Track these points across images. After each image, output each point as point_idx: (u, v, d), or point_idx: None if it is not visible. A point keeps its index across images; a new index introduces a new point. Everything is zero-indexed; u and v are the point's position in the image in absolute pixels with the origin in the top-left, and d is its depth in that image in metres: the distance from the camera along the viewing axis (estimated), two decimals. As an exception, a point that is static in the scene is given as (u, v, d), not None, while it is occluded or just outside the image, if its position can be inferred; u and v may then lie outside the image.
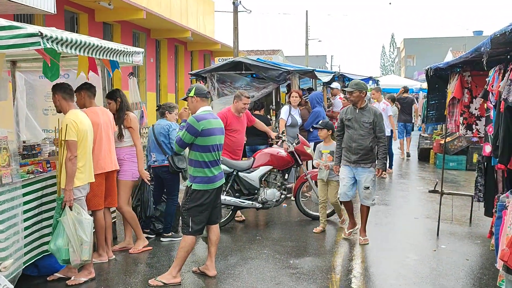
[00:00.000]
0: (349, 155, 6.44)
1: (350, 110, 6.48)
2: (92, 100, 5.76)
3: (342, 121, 6.54)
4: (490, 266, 5.63)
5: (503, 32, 3.41)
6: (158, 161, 6.59)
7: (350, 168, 6.49)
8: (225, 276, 5.43)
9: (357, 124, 6.36)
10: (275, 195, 7.45)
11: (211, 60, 24.90)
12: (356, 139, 6.35)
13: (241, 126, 7.61)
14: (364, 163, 6.40)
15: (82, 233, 4.96)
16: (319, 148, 7.23)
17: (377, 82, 18.83)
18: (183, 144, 5.13)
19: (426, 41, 64.90)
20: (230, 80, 10.61)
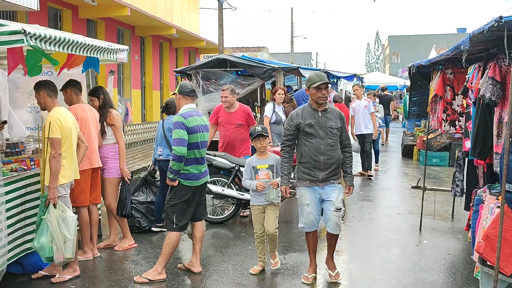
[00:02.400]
0: (314, 172, 5.00)
1: (308, 112, 5.05)
2: (79, 96, 5.80)
3: (297, 127, 5.05)
4: (471, 261, 5.72)
5: (481, 30, 3.48)
6: (163, 155, 6.65)
7: (316, 189, 5.07)
8: (210, 272, 5.46)
9: (322, 131, 5.00)
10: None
11: (196, 57, 24.84)
12: (324, 150, 4.99)
13: (227, 122, 7.58)
14: (334, 179, 5.09)
15: (65, 230, 4.94)
16: (251, 163, 5.45)
17: (361, 79, 18.98)
18: (181, 141, 5.01)
19: (411, 39, 65.43)
20: (215, 77, 10.62)
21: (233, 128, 7.60)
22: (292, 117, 5.13)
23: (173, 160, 5.05)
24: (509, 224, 4.02)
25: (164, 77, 21.45)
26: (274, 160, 5.42)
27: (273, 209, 5.44)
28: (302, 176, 5.11)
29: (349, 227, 7.25)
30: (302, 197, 5.13)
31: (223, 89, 7.62)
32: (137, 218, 6.89)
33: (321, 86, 4.94)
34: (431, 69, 6.74)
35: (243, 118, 7.65)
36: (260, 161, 5.44)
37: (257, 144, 5.39)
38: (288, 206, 8.36)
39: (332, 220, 5.05)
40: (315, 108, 5.06)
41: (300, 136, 5.10)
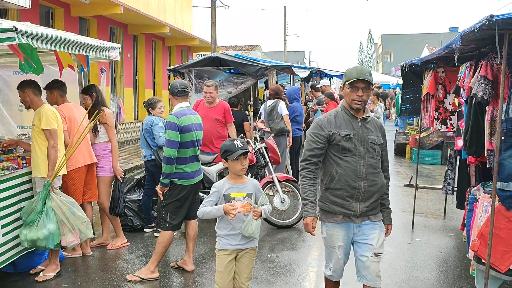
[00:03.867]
0: (350, 203, 3.66)
1: (344, 120, 3.69)
2: (64, 97, 5.82)
3: (329, 139, 3.67)
4: (463, 258, 5.76)
5: (472, 29, 3.50)
6: (146, 156, 6.71)
7: (350, 227, 3.74)
8: (203, 270, 5.46)
9: (363, 146, 3.66)
10: None
11: (189, 56, 24.79)
12: (365, 173, 3.63)
13: (205, 116, 7.32)
14: (374, 213, 3.77)
15: (79, 212, 5.20)
16: (222, 189, 3.83)
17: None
18: (172, 143, 4.99)
19: (403, 37, 65.64)
20: (208, 75, 10.60)
21: (210, 123, 7.50)
22: (321, 124, 3.71)
23: (163, 163, 5.05)
24: (502, 222, 4.05)
25: (157, 75, 21.41)
26: (253, 186, 3.88)
27: (252, 254, 3.95)
28: (331, 208, 3.71)
29: (342, 225, 7.26)
30: (332, 237, 3.79)
31: (208, 85, 7.63)
32: (130, 217, 6.88)
33: (358, 85, 3.58)
34: (423, 68, 6.77)
35: (221, 113, 7.65)
36: (236, 187, 3.82)
37: (236, 165, 3.79)
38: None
39: (371, 269, 3.79)
40: (353, 114, 3.68)
41: (329, 152, 3.69)
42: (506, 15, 3.28)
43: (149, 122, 6.65)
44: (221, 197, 3.81)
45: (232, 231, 3.82)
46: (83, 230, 5.21)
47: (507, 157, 3.95)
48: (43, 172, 5.11)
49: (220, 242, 3.89)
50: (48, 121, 5.12)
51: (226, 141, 3.85)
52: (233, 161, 3.77)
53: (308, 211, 3.69)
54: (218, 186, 3.85)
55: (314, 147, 3.69)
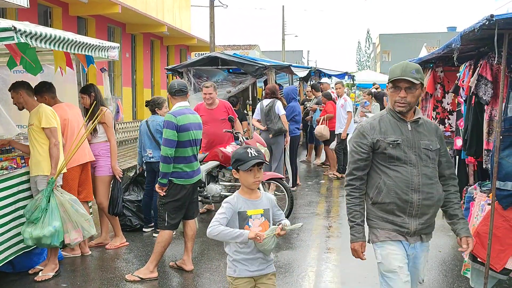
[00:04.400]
0: (402, 219, 3.17)
1: (390, 124, 3.22)
2: (55, 98, 5.79)
3: (373, 148, 3.21)
4: (462, 258, 5.75)
5: (472, 29, 3.50)
6: (155, 157, 6.54)
7: (404, 246, 3.23)
8: (202, 270, 5.46)
9: (414, 153, 3.17)
10: (214, 191, 7.23)
11: (187, 55, 24.77)
12: (419, 185, 3.15)
13: (210, 119, 7.46)
14: (427, 232, 3.31)
15: (82, 210, 5.25)
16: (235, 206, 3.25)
17: (353, 77, 19.06)
18: (170, 142, 5.02)
19: (401, 37, 65.70)
20: (206, 75, 10.62)
21: (217, 124, 7.49)
22: (363, 131, 3.24)
23: (161, 163, 5.05)
24: (499, 221, 4.06)
25: (155, 75, 21.39)
26: (268, 201, 3.37)
27: (273, 280, 3.41)
28: (381, 225, 3.23)
29: (341, 225, 7.28)
30: (389, 258, 3.22)
31: (206, 85, 7.58)
32: (129, 217, 6.87)
33: (401, 85, 3.10)
34: (422, 67, 6.78)
35: (225, 112, 7.61)
36: (251, 204, 3.29)
37: (249, 177, 3.24)
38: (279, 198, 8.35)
39: None
40: (400, 117, 3.20)
41: (375, 161, 3.23)
42: (506, 15, 3.28)
43: (161, 123, 6.42)
44: (235, 214, 3.24)
45: (251, 254, 3.23)
46: (86, 228, 5.23)
47: (505, 157, 3.96)
48: (46, 170, 5.11)
49: (235, 269, 3.29)
50: (48, 119, 5.12)
51: (239, 148, 3.34)
52: (246, 172, 3.21)
53: (355, 235, 3.27)
54: (232, 201, 3.27)
55: (357, 159, 3.22)
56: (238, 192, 3.36)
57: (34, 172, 5.17)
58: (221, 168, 7.39)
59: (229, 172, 7.32)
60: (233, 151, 3.44)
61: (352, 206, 3.27)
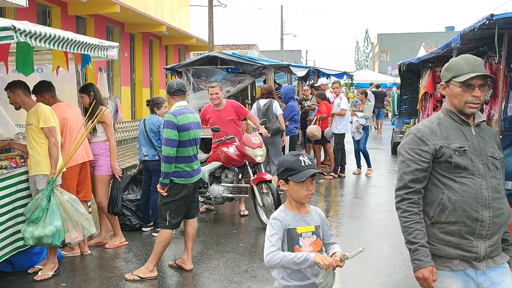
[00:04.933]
0: (470, 241, 2.68)
1: (453, 128, 2.78)
2: (55, 97, 5.79)
3: (436, 155, 2.75)
4: (461, 257, 5.77)
5: (472, 28, 3.51)
6: (149, 156, 6.57)
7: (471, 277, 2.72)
8: (201, 269, 5.46)
9: (482, 162, 2.73)
10: (216, 192, 7.06)
11: (186, 55, 24.76)
12: (488, 199, 2.69)
13: (218, 120, 7.44)
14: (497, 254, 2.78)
15: (81, 209, 5.25)
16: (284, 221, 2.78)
17: (351, 77, 19.07)
18: (171, 142, 5.02)
19: (400, 37, 65.75)
20: (205, 74, 10.62)
21: (226, 124, 7.39)
22: (421, 136, 2.78)
23: (163, 162, 5.06)
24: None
25: (154, 74, 21.37)
26: (318, 217, 2.91)
27: None
28: (442, 251, 2.73)
29: (340, 224, 7.29)
30: None
31: (212, 86, 7.48)
32: (128, 216, 6.87)
33: (474, 82, 2.68)
34: (421, 67, 6.79)
35: (233, 113, 7.53)
36: (301, 220, 2.83)
37: (301, 190, 2.78)
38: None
39: None
40: (463, 119, 2.76)
41: (435, 173, 2.76)
42: (506, 14, 3.29)
43: (156, 123, 6.51)
44: (284, 231, 2.77)
45: (302, 281, 2.78)
46: (86, 227, 5.22)
47: (505, 156, 3.96)
48: (46, 170, 5.11)
49: None
50: (46, 119, 5.12)
51: (288, 155, 2.86)
52: (297, 184, 2.74)
53: (421, 260, 2.67)
54: (280, 217, 2.78)
55: (415, 169, 2.72)
56: (285, 206, 2.87)
57: (33, 172, 5.17)
58: (224, 169, 7.26)
59: (231, 173, 7.20)
60: (282, 158, 2.88)
61: (412, 224, 2.72)
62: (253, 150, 6.88)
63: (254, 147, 6.91)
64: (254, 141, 6.94)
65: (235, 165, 7.02)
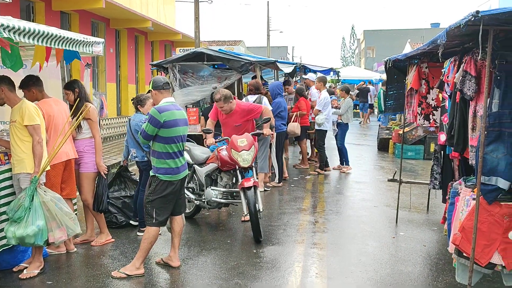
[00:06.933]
0: None
1: None
2: (43, 92, 5.72)
3: None
4: (446, 252, 5.81)
5: (457, 25, 3.53)
6: (138, 157, 6.49)
7: None
8: (188, 266, 5.45)
9: None
10: (209, 196, 6.79)
11: (172, 51, 24.64)
12: None
13: (226, 123, 7.34)
14: None
15: (66, 208, 5.19)
16: None
17: (337, 73, 19.13)
18: (146, 136, 5.13)
19: (386, 33, 66.00)
20: (192, 70, 10.57)
21: (231, 129, 7.22)
22: None
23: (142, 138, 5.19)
24: (484, 215, 4.10)
25: (140, 70, 21.25)
26: None
27: None
28: None
29: (327, 221, 7.31)
30: None
31: (216, 99, 7.19)
32: (114, 214, 6.83)
33: None
34: (407, 63, 6.82)
35: (241, 118, 7.30)
36: None
37: None
38: (266, 195, 8.37)
39: None
40: None
41: None
42: (491, 11, 3.31)
43: (139, 123, 6.29)
44: None
45: None
46: (71, 226, 5.18)
47: (489, 152, 4.00)
48: (29, 168, 5.04)
49: None
50: (31, 117, 5.04)
51: None
52: None
53: None
54: None
55: None
56: None
57: (17, 170, 5.10)
58: (220, 172, 6.99)
59: (226, 176, 6.91)
60: None
61: None
62: (238, 154, 6.51)
63: (239, 150, 6.52)
64: (240, 143, 6.59)
65: (230, 168, 6.77)
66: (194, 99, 10.36)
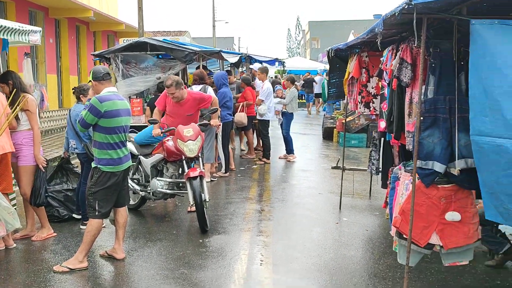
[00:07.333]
0: None
1: None
2: None
3: None
4: (387, 235, 6.01)
5: (393, 13, 3.62)
6: (78, 149, 6.31)
7: None
8: (133, 258, 5.38)
9: None
10: (155, 187, 6.73)
11: (115, 41, 24.07)
12: None
13: (176, 113, 7.11)
14: None
15: (4, 203, 5.07)
16: None
17: (283, 63, 19.26)
18: (85, 124, 5.03)
19: (330, 24, 66.94)
20: (135, 60, 10.40)
21: (183, 119, 7.03)
22: None
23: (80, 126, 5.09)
24: (422, 198, 4.25)
25: (82, 61, 20.68)
26: None
27: None
28: None
29: (273, 209, 7.39)
30: None
31: (167, 85, 7.01)
32: (56, 208, 6.65)
33: None
34: (348, 53, 6.94)
35: (193, 107, 7.19)
36: None
37: None
38: (212, 185, 8.36)
39: None
40: None
41: None
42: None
43: (79, 113, 6.16)
44: None
45: None
46: (10, 221, 5.02)
47: (426, 137, 4.14)
48: None
49: None
50: None
51: None
52: None
53: None
54: None
55: None
56: None
57: None
58: (166, 162, 6.89)
59: (172, 167, 6.83)
60: None
61: None
62: (184, 144, 6.43)
63: (185, 140, 6.44)
64: (186, 133, 6.50)
65: (176, 158, 6.69)
66: (138, 89, 10.21)
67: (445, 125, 4.12)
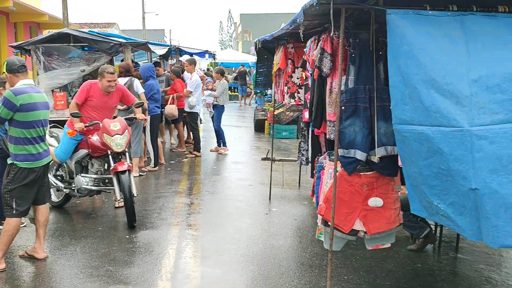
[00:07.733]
0: None
1: None
2: None
3: None
4: (315, 224, 6.08)
5: (312, 3, 3.65)
6: None
7: None
8: (56, 257, 5.18)
9: None
10: (80, 183, 6.48)
11: (38, 33, 23.12)
12: None
13: (102, 107, 6.58)
14: None
15: None
16: None
17: (214, 56, 19.17)
18: (1, 119, 4.75)
19: (262, 17, 67.29)
20: (57, 53, 9.99)
21: (108, 111, 6.65)
22: None
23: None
24: (345, 186, 4.34)
25: (2, 53, 19.71)
26: None
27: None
28: None
29: (203, 201, 7.33)
30: None
31: (110, 71, 6.49)
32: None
33: None
34: (275, 44, 6.98)
35: (119, 98, 6.78)
36: None
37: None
38: (141, 179, 8.19)
39: None
40: None
41: None
42: (341, -10, 3.46)
43: None
44: None
45: None
46: None
47: (347, 126, 4.21)
48: None
49: None
50: None
51: None
52: None
53: None
54: None
55: None
56: None
57: None
58: (90, 158, 6.61)
59: (98, 163, 6.57)
60: None
61: None
62: (111, 138, 6.22)
63: (112, 134, 6.23)
64: (113, 127, 6.28)
65: (102, 153, 6.44)
66: (61, 82, 9.82)
67: (366, 114, 4.21)
